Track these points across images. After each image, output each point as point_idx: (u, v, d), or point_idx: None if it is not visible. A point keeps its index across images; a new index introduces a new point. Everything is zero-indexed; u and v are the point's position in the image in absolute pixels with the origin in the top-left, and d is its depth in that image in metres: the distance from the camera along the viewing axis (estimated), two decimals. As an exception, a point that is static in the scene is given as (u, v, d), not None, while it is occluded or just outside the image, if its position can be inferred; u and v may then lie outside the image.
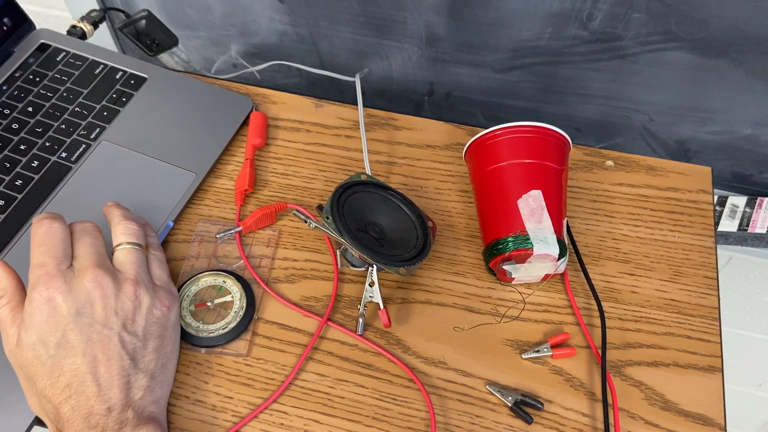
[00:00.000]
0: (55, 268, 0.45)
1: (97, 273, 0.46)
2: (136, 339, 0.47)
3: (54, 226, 0.47)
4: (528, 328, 0.57)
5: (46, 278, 0.44)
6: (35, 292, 0.44)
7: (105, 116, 0.67)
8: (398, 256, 0.54)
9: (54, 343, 0.44)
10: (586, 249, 0.62)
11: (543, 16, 0.72)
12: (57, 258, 0.46)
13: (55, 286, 0.44)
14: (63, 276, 0.45)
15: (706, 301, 0.59)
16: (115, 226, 0.51)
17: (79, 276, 0.46)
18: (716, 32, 0.68)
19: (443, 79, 0.84)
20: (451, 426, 0.52)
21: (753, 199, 0.84)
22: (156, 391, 0.48)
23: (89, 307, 0.45)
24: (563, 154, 0.59)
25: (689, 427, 0.52)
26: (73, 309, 0.44)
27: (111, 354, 0.45)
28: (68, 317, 0.44)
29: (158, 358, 0.48)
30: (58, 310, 0.44)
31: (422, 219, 0.58)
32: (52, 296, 0.44)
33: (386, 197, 0.58)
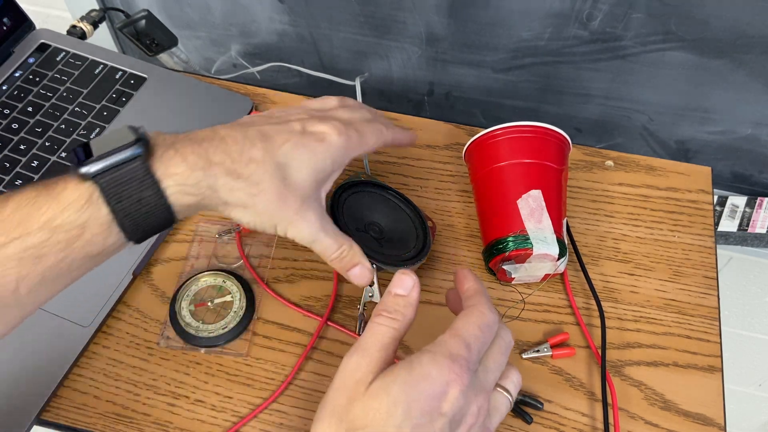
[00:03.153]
0: (474, 363, 0.38)
1: (484, 401, 0.38)
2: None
3: (495, 325, 0.40)
4: (528, 328, 0.57)
5: (463, 364, 0.36)
6: (443, 366, 0.36)
7: (105, 116, 0.67)
8: (398, 256, 0.54)
9: (414, 423, 0.35)
10: (585, 249, 0.62)
11: (543, 16, 0.71)
12: (478, 358, 0.38)
13: (461, 378, 0.36)
14: (472, 377, 0.37)
15: (706, 301, 0.59)
16: (509, 369, 0.41)
17: (480, 389, 0.38)
18: (716, 32, 0.68)
19: (443, 79, 0.84)
20: (451, 426, 0.52)
21: (753, 199, 0.84)
22: None
23: (460, 422, 0.37)
24: (563, 154, 0.59)
25: (689, 427, 0.52)
26: (453, 413, 0.36)
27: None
28: (446, 416, 0.36)
29: None
30: (441, 402, 0.36)
31: (422, 219, 0.58)
32: (450, 386, 0.36)
33: (385, 197, 0.58)
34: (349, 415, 0.35)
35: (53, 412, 0.52)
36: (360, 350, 0.38)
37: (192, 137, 0.41)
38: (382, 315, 0.39)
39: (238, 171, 0.40)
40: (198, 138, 0.41)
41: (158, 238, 0.59)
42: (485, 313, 0.39)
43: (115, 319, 0.56)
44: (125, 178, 0.37)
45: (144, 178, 0.38)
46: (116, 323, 0.56)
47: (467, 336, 0.38)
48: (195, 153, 0.40)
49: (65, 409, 0.52)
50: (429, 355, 0.37)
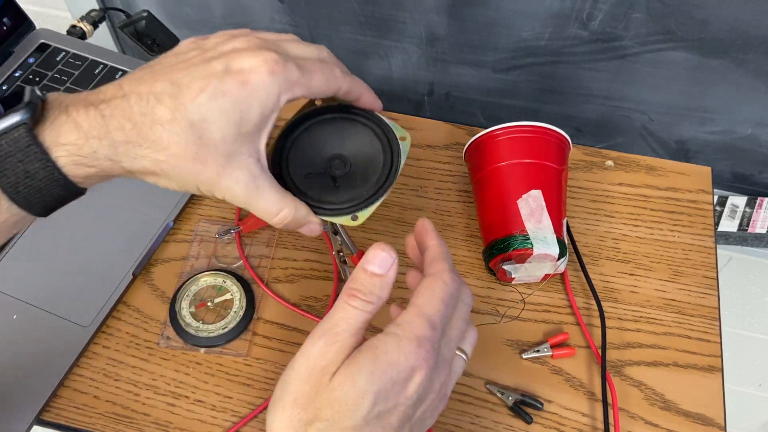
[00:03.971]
0: (438, 341, 0.36)
1: (446, 375, 0.38)
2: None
3: (457, 291, 0.38)
4: (528, 328, 0.57)
5: (429, 348, 0.35)
6: (410, 353, 0.35)
7: (105, 116, 0.67)
8: (354, 198, 0.44)
9: (380, 410, 0.34)
10: (585, 249, 0.62)
11: (543, 16, 0.71)
12: (442, 333, 0.37)
13: (428, 362, 0.35)
14: (436, 356, 0.36)
15: (706, 301, 0.59)
16: (467, 330, 0.40)
17: (443, 364, 0.37)
18: (716, 32, 0.68)
19: (443, 79, 0.84)
20: (451, 426, 0.52)
21: (753, 199, 0.84)
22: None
23: (424, 400, 0.36)
24: (563, 154, 0.59)
25: (689, 427, 0.52)
26: (418, 395, 0.35)
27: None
28: (411, 398, 0.35)
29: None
30: (407, 386, 0.35)
31: (389, 139, 0.46)
32: (416, 371, 0.35)
33: (350, 120, 0.46)
34: (313, 404, 0.34)
35: (53, 412, 0.52)
36: (329, 335, 0.35)
37: (90, 98, 0.36)
38: (356, 297, 0.36)
39: (140, 137, 0.35)
40: (96, 99, 0.36)
41: (158, 238, 0.59)
42: (448, 283, 0.37)
43: (115, 319, 0.56)
44: (5, 151, 0.33)
45: (28, 149, 0.33)
46: (116, 323, 0.56)
47: (431, 313, 0.36)
48: (90, 118, 0.35)
49: (65, 409, 0.52)
50: (394, 340, 0.35)
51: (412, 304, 0.36)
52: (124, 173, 0.38)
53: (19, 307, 0.55)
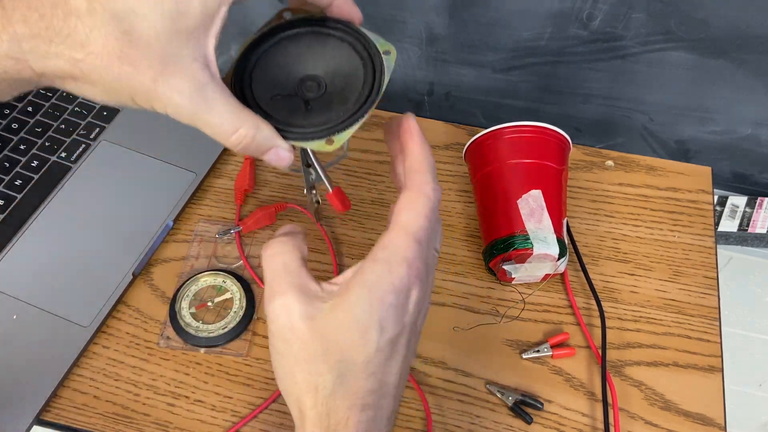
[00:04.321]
0: (426, 255, 0.35)
1: (432, 278, 0.38)
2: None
3: (438, 202, 0.37)
4: (528, 328, 0.57)
5: (419, 265, 0.34)
6: (403, 276, 0.33)
7: (104, 116, 0.67)
8: (329, 121, 0.37)
9: (389, 337, 0.34)
10: (586, 249, 0.62)
11: (543, 16, 0.71)
12: (428, 246, 0.36)
13: (420, 279, 0.34)
14: (426, 267, 0.35)
15: (706, 301, 0.59)
16: (439, 225, 0.39)
17: (430, 271, 0.37)
18: (716, 32, 0.68)
19: (443, 79, 0.84)
20: (451, 426, 0.52)
21: (753, 199, 0.84)
22: None
23: (423, 310, 0.37)
24: (563, 154, 0.59)
25: (689, 427, 0.52)
26: (419, 308, 0.35)
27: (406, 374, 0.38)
28: (412, 314, 0.35)
29: None
30: (407, 305, 0.34)
31: (371, 54, 0.39)
32: (412, 289, 0.34)
33: (324, 33, 0.40)
34: (324, 354, 0.33)
35: (53, 412, 0.52)
36: (278, 294, 0.34)
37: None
38: (270, 246, 0.36)
39: (51, 30, 0.30)
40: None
41: (158, 238, 0.59)
42: (431, 197, 0.35)
43: (115, 319, 0.56)
44: None
45: None
46: (116, 323, 0.56)
47: (417, 231, 0.34)
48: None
49: (65, 409, 0.52)
50: (384, 267, 0.33)
51: (396, 224, 0.35)
52: (37, 78, 0.32)
53: (19, 307, 0.55)
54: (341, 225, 0.62)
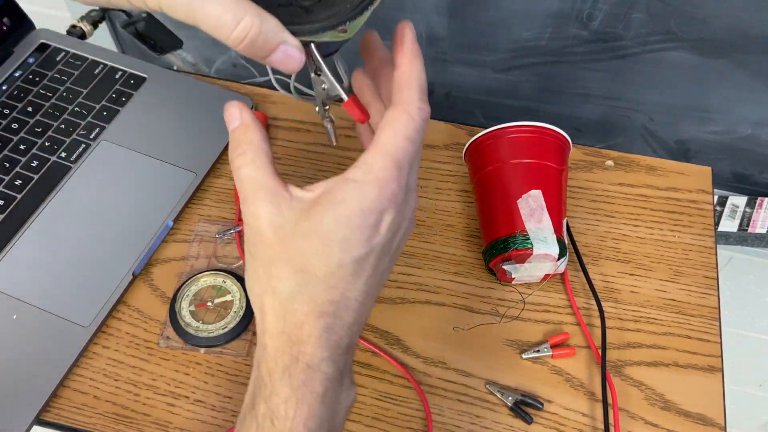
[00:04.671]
0: (405, 179, 0.34)
1: (413, 200, 0.37)
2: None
3: (425, 123, 0.35)
4: (528, 328, 0.57)
5: (395, 188, 0.33)
6: (374, 199, 0.33)
7: (105, 116, 0.67)
8: (336, 14, 0.34)
9: (354, 257, 0.33)
10: (586, 249, 0.62)
11: (543, 16, 0.71)
12: (409, 171, 0.35)
13: (396, 202, 0.34)
14: (405, 191, 0.34)
15: (706, 301, 0.59)
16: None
17: (411, 194, 0.36)
18: (716, 32, 0.68)
19: (443, 79, 0.84)
20: (451, 426, 0.52)
21: (753, 199, 0.84)
22: None
23: (397, 232, 0.36)
24: (563, 154, 0.59)
25: (689, 427, 0.52)
26: (392, 231, 0.34)
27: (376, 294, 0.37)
28: (384, 236, 0.34)
29: None
30: (378, 228, 0.33)
31: None
32: (385, 213, 0.33)
33: None
34: (284, 261, 0.33)
35: (53, 412, 0.52)
36: (249, 203, 0.34)
37: None
38: (233, 161, 0.35)
39: None
40: None
41: (158, 238, 0.59)
42: (415, 117, 0.34)
43: (115, 319, 0.56)
44: None
45: None
46: (116, 323, 0.56)
47: (396, 152, 0.33)
48: None
49: (65, 409, 0.52)
50: (354, 187, 0.33)
51: (375, 143, 0.33)
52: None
53: (19, 307, 0.55)
54: (341, 225, 0.62)
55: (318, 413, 0.33)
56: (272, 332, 0.34)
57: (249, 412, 0.34)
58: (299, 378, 0.33)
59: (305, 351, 0.33)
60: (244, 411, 0.35)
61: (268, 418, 0.33)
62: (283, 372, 0.33)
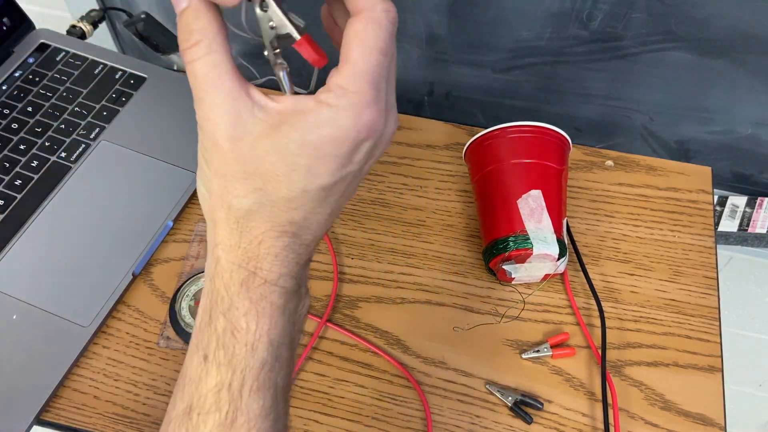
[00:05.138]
0: (384, 98, 0.31)
1: (393, 122, 0.33)
2: None
3: (395, 27, 0.31)
4: (528, 328, 0.57)
5: (374, 113, 0.30)
6: (350, 128, 0.29)
7: (104, 116, 0.67)
8: None
9: (321, 184, 0.31)
10: (586, 249, 0.62)
11: (543, 16, 0.71)
12: (386, 88, 0.31)
13: (375, 129, 0.30)
14: (384, 114, 0.31)
15: (706, 301, 0.59)
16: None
17: (390, 114, 0.32)
18: (716, 32, 0.68)
19: (443, 79, 0.84)
20: (451, 426, 0.52)
21: (753, 199, 0.83)
22: None
23: (373, 157, 0.33)
24: (563, 154, 0.59)
25: (689, 427, 0.52)
26: (367, 157, 0.31)
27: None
28: (357, 163, 0.31)
29: None
30: (352, 156, 0.31)
31: None
32: (362, 140, 0.30)
33: None
34: (244, 176, 0.30)
35: (53, 412, 0.52)
36: (205, 105, 0.30)
37: None
38: (184, 54, 0.31)
39: None
40: None
41: (158, 238, 0.59)
42: (383, 23, 0.29)
43: (115, 319, 0.56)
44: None
45: None
46: (116, 323, 0.56)
47: (371, 71, 0.29)
48: None
49: (65, 409, 0.52)
50: (329, 114, 0.29)
51: (345, 61, 0.29)
52: None
53: (19, 307, 0.55)
54: (341, 225, 0.62)
55: (279, 323, 0.32)
56: (226, 246, 0.32)
57: (206, 328, 0.32)
58: (257, 292, 0.31)
59: (262, 267, 0.31)
60: (200, 327, 0.33)
61: (229, 332, 0.31)
62: (241, 285, 0.31)
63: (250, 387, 0.31)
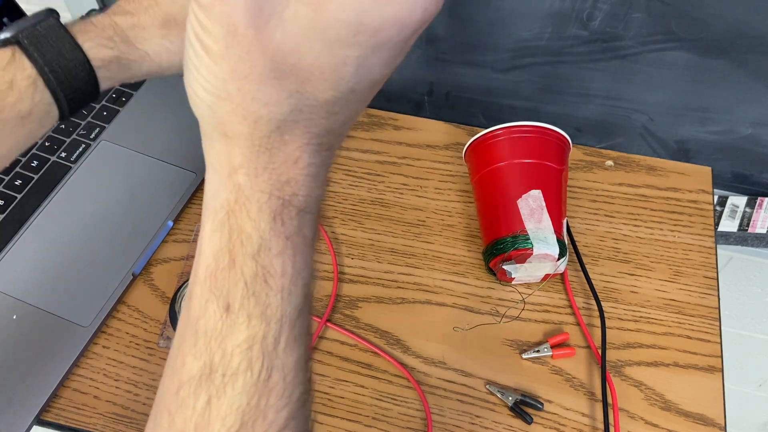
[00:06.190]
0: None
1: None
2: None
3: None
4: (528, 328, 0.57)
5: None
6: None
7: (105, 116, 0.67)
8: None
9: (373, 79, 0.26)
10: (586, 249, 0.62)
11: (543, 16, 0.71)
12: None
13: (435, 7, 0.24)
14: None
15: (706, 301, 0.59)
16: None
17: None
18: (716, 32, 0.68)
19: (443, 79, 0.84)
20: (451, 426, 0.52)
21: (753, 199, 0.83)
22: None
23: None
24: (563, 154, 0.59)
25: (689, 427, 0.52)
26: (407, 48, 0.26)
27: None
28: (401, 57, 0.27)
29: None
30: (408, 43, 0.25)
31: None
32: (424, 21, 0.24)
33: None
34: (282, 81, 0.24)
35: (53, 412, 0.52)
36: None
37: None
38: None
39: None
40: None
41: (158, 238, 0.59)
42: None
43: (115, 319, 0.56)
44: (42, 32, 0.38)
45: (60, 30, 0.39)
46: (116, 323, 0.56)
47: None
48: (104, 15, 0.42)
49: (65, 409, 0.52)
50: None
51: None
52: (140, 60, 0.42)
53: (19, 307, 0.55)
54: (341, 225, 0.62)
55: (310, 258, 0.28)
56: (251, 169, 0.26)
57: (227, 272, 0.26)
58: (293, 225, 0.26)
59: (299, 192, 0.26)
60: (215, 271, 0.26)
61: (260, 278, 0.26)
62: (274, 220, 0.26)
63: (286, 339, 0.27)
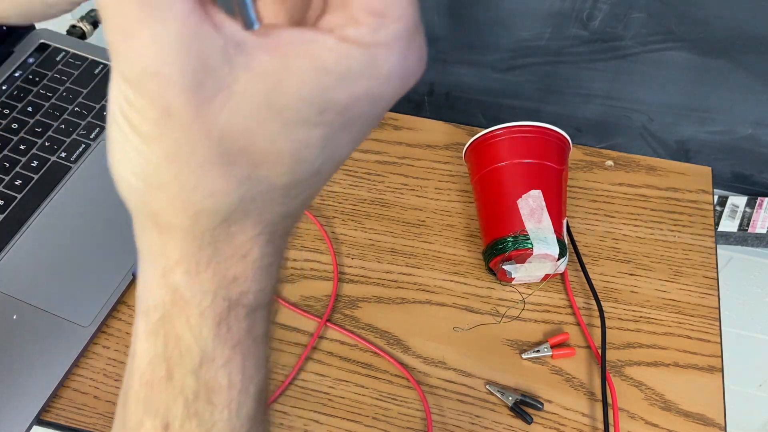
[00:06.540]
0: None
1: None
2: None
3: None
4: (528, 328, 0.57)
5: (420, 40, 0.22)
6: (412, 53, 0.21)
7: (105, 116, 0.67)
8: None
9: (341, 156, 0.21)
10: (586, 249, 0.62)
11: (543, 16, 0.71)
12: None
13: (422, 64, 0.21)
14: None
15: (706, 301, 0.59)
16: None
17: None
18: (716, 32, 0.68)
19: (443, 79, 0.84)
20: (451, 426, 0.52)
21: (753, 199, 0.83)
22: None
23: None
24: (563, 154, 0.59)
25: (689, 427, 0.52)
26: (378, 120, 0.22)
27: None
28: (370, 127, 0.22)
29: None
30: (380, 116, 0.21)
31: None
32: (408, 76, 0.21)
33: None
34: (229, 167, 0.19)
35: (53, 412, 0.52)
36: (144, 37, 0.17)
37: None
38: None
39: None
40: None
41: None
42: None
43: (115, 319, 0.56)
44: None
45: None
46: (116, 323, 0.56)
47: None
48: None
49: (65, 409, 0.52)
50: (363, 58, 0.19)
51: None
52: None
53: (19, 307, 0.55)
54: (341, 225, 0.62)
55: (262, 358, 0.24)
56: (190, 267, 0.21)
57: (163, 386, 0.22)
58: (241, 327, 0.22)
59: (249, 289, 0.22)
60: (151, 381, 0.22)
61: (203, 397, 0.22)
62: (218, 326, 0.22)
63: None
